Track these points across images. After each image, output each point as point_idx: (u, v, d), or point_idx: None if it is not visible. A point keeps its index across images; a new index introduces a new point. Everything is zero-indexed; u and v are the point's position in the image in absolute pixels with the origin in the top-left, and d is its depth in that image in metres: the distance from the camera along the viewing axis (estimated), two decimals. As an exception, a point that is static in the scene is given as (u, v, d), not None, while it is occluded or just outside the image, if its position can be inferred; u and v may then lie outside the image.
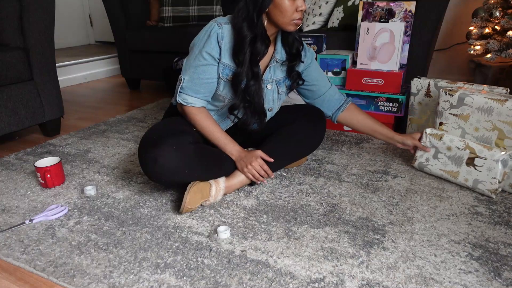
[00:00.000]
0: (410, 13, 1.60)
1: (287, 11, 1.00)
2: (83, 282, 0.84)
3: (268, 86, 1.17)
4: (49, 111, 1.72)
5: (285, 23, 1.03)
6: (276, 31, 1.10)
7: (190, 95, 1.11)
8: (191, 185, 1.06)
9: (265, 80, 1.16)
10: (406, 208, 1.10)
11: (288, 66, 1.18)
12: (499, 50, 1.84)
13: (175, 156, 1.00)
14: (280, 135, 1.22)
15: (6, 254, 0.94)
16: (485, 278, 0.83)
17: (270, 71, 1.17)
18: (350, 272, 0.85)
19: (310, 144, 1.28)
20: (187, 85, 1.10)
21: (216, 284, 0.82)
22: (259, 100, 1.12)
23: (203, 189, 1.08)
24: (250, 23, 1.03)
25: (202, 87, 1.10)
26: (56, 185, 1.27)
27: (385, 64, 1.60)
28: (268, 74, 1.16)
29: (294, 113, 1.29)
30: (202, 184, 1.08)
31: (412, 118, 1.52)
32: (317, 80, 1.28)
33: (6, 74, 1.52)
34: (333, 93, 1.31)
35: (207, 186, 1.09)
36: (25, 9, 1.55)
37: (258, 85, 1.10)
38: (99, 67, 3.16)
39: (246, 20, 1.03)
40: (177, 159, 1.01)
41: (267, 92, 1.18)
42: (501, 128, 1.14)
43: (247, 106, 1.13)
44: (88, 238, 0.99)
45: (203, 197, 1.08)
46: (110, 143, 1.66)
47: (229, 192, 1.17)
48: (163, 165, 0.99)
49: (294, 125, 1.23)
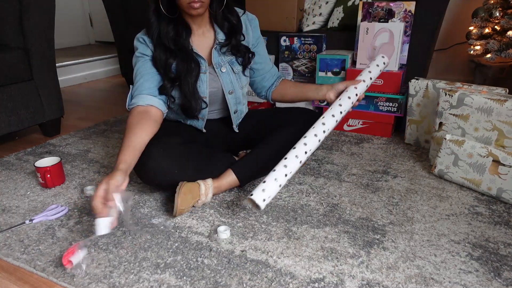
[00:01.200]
0: (409, 13, 1.60)
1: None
2: (83, 282, 0.84)
3: (222, 69, 1.17)
4: (49, 111, 1.72)
5: (183, 7, 1.05)
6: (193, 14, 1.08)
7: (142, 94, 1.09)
8: (179, 187, 1.05)
9: (217, 64, 1.16)
10: (406, 208, 1.10)
11: (232, 44, 1.17)
12: (499, 50, 1.84)
13: (164, 156, 1.03)
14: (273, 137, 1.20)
15: (6, 254, 0.94)
16: (485, 278, 0.83)
17: (219, 54, 1.16)
18: (350, 272, 0.85)
19: None
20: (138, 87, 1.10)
21: (216, 284, 0.82)
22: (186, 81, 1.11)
23: (192, 189, 1.08)
24: (154, 8, 1.08)
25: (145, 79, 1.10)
26: (56, 185, 1.27)
27: (385, 64, 1.60)
28: (217, 58, 1.16)
29: (288, 115, 1.27)
30: (190, 184, 1.08)
31: (411, 119, 1.52)
32: (264, 56, 1.28)
33: (6, 74, 1.52)
34: (273, 72, 1.32)
35: (195, 186, 1.09)
36: (25, 9, 1.55)
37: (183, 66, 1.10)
38: (99, 67, 3.16)
39: (153, 3, 1.07)
40: (167, 159, 1.03)
41: (222, 75, 1.17)
42: (501, 128, 1.14)
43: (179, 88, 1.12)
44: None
45: (193, 197, 1.08)
46: (110, 143, 1.66)
47: (219, 192, 1.17)
48: (153, 167, 1.02)
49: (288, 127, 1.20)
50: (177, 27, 1.10)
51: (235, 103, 1.24)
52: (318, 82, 1.77)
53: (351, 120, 1.71)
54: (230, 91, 1.20)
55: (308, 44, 1.85)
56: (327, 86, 1.20)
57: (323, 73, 1.75)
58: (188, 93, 1.12)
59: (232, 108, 1.23)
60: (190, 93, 1.12)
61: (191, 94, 1.12)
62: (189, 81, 1.11)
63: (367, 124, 1.68)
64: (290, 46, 1.89)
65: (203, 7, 1.05)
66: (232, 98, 1.22)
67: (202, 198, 1.10)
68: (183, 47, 1.11)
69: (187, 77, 1.10)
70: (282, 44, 1.91)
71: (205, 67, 1.15)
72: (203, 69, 1.15)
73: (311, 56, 1.86)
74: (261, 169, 1.18)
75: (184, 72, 1.10)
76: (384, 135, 1.66)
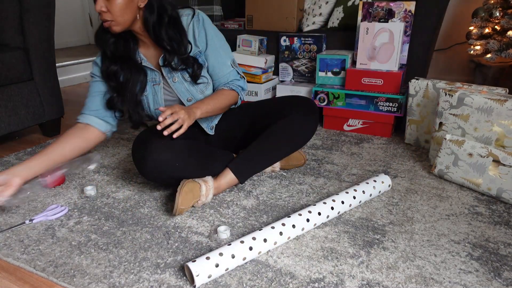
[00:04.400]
0: (409, 13, 1.60)
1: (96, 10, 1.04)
2: (83, 282, 0.84)
3: (174, 79, 1.16)
4: (49, 111, 1.72)
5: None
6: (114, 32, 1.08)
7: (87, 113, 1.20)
8: (181, 186, 1.06)
9: (168, 76, 1.16)
10: (406, 208, 1.10)
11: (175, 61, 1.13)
12: (499, 50, 1.84)
13: (165, 149, 1.03)
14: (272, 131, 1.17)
15: (6, 254, 0.94)
16: (485, 278, 0.83)
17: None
18: (350, 272, 0.85)
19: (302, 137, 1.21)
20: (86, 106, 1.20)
21: (216, 284, 0.82)
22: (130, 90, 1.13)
23: (193, 189, 1.08)
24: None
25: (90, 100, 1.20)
26: (56, 185, 1.27)
27: (385, 64, 1.60)
28: (166, 69, 1.15)
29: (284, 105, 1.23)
30: (191, 184, 1.08)
31: (411, 119, 1.52)
32: (212, 64, 1.17)
33: (6, 74, 1.52)
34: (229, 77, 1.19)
35: (196, 186, 1.09)
36: (25, 9, 1.55)
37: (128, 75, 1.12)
38: (99, 67, 3.16)
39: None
40: (168, 152, 1.03)
41: (175, 85, 1.16)
42: (501, 128, 1.14)
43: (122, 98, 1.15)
44: (88, 238, 0.99)
45: (194, 197, 1.08)
46: (110, 143, 1.66)
47: (218, 193, 1.17)
48: (155, 159, 1.02)
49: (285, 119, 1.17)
50: (124, 38, 1.12)
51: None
52: (318, 82, 1.77)
53: (351, 120, 1.71)
54: (188, 98, 1.18)
55: (308, 44, 1.85)
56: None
57: (323, 73, 1.75)
58: (130, 102, 1.15)
59: None
60: (132, 102, 1.15)
61: (133, 104, 1.15)
62: (133, 90, 1.13)
63: (367, 124, 1.68)
64: (290, 46, 1.89)
65: (117, 26, 1.04)
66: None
67: (202, 199, 1.10)
68: (129, 58, 1.13)
69: (131, 86, 1.13)
70: (282, 44, 1.91)
71: (159, 78, 1.16)
72: (157, 80, 1.16)
73: (311, 56, 1.86)
74: (258, 163, 1.18)
75: (129, 81, 1.12)
76: (384, 135, 1.66)
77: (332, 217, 1.03)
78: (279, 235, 0.92)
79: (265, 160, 1.20)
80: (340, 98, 1.68)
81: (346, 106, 1.68)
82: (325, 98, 1.71)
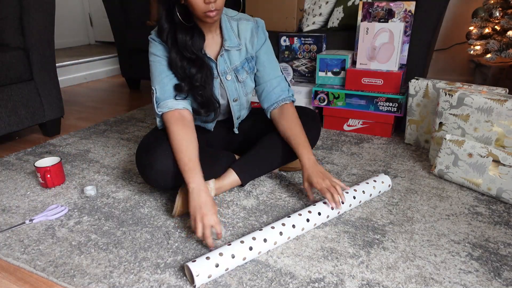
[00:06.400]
0: (409, 13, 1.61)
1: (195, 3, 0.99)
2: (83, 282, 0.84)
3: (227, 77, 1.15)
4: (49, 111, 1.72)
5: (199, 16, 1.02)
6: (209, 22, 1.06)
7: (167, 99, 1.08)
8: (182, 188, 1.06)
9: (222, 72, 1.14)
10: (406, 208, 1.10)
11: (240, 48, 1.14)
12: (499, 50, 1.84)
13: (169, 159, 1.02)
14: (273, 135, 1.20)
15: (6, 254, 0.94)
16: (485, 278, 0.83)
17: (225, 61, 1.14)
18: (350, 272, 0.85)
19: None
20: (160, 92, 1.08)
21: (216, 284, 0.82)
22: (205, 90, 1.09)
23: None
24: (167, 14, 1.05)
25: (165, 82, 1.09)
26: (56, 185, 1.27)
27: (385, 64, 1.60)
28: (223, 65, 1.13)
29: None
30: None
31: (411, 119, 1.52)
32: (263, 64, 1.19)
33: (6, 74, 1.52)
34: (276, 84, 1.19)
35: None
36: (25, 9, 1.55)
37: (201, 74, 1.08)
38: (99, 67, 3.16)
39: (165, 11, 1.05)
40: (172, 164, 1.02)
41: (227, 84, 1.15)
42: (501, 128, 1.14)
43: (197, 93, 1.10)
44: (88, 238, 0.99)
45: None
46: (110, 143, 1.66)
47: (220, 193, 1.17)
48: (159, 170, 1.03)
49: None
50: (193, 35, 1.07)
51: (239, 110, 1.23)
52: (318, 82, 1.77)
53: (351, 120, 1.71)
54: (234, 98, 1.19)
55: (308, 44, 1.85)
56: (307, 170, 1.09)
57: (323, 73, 1.75)
58: (209, 99, 1.11)
59: (236, 114, 1.23)
60: (209, 99, 1.11)
61: (210, 101, 1.11)
62: (208, 88, 1.10)
63: (367, 124, 1.68)
64: (290, 46, 1.89)
65: (219, 15, 1.03)
66: (236, 105, 1.21)
67: None
68: (200, 55, 1.09)
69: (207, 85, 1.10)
70: (282, 44, 1.91)
71: (217, 72, 1.14)
72: (215, 74, 1.13)
73: (311, 56, 1.86)
74: (261, 167, 1.18)
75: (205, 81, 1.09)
76: (384, 135, 1.66)
77: (332, 217, 1.04)
78: (279, 235, 0.92)
79: (267, 165, 1.20)
80: (340, 98, 1.68)
81: (346, 106, 1.68)
82: (325, 98, 1.71)
